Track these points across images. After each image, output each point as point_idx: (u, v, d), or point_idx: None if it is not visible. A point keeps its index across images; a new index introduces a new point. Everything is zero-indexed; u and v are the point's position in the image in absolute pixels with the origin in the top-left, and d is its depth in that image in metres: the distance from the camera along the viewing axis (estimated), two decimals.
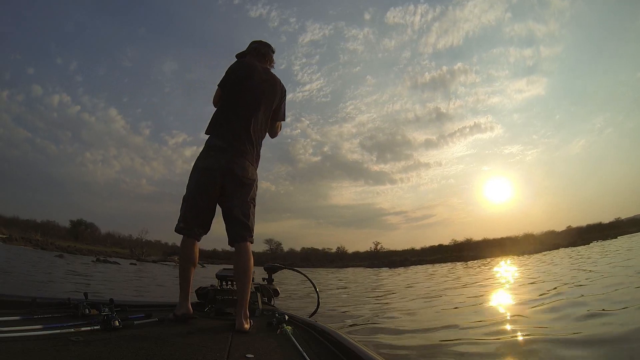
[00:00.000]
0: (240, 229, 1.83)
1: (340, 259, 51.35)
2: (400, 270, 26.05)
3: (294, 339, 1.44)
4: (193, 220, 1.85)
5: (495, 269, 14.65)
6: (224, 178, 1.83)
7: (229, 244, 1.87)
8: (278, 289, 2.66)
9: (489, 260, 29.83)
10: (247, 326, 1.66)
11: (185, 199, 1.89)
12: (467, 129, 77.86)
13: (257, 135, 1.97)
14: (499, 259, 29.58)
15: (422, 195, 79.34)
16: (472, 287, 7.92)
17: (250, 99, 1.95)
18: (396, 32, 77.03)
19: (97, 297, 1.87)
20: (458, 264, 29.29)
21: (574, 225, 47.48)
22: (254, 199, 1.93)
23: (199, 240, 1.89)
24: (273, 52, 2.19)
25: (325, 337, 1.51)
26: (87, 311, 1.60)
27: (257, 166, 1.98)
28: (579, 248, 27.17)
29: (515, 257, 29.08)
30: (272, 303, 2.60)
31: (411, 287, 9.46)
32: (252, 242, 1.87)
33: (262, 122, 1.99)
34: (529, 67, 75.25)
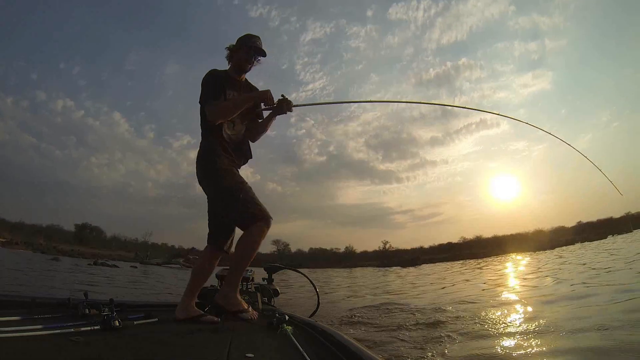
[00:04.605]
0: (227, 231, 1.93)
1: (349, 259, 51.32)
2: (411, 269, 25.32)
3: (294, 339, 1.43)
4: (215, 230, 1.97)
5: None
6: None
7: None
8: (278, 289, 2.66)
9: (507, 257, 28.49)
10: (221, 302, 1.74)
11: None
12: (473, 126, 77.41)
13: (204, 131, 1.96)
14: (518, 255, 28.53)
15: (429, 194, 79.13)
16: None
17: None
18: (399, 28, 76.90)
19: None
20: (471, 261, 28.57)
21: (584, 220, 46.68)
22: (223, 189, 1.84)
23: (220, 251, 1.93)
24: None
25: (325, 337, 1.49)
26: (87, 311, 1.61)
27: (207, 158, 1.90)
28: (596, 242, 26.27)
29: (532, 253, 28.10)
30: (272, 303, 2.60)
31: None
32: (251, 223, 1.77)
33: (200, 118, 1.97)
34: (534, 61, 74.35)
